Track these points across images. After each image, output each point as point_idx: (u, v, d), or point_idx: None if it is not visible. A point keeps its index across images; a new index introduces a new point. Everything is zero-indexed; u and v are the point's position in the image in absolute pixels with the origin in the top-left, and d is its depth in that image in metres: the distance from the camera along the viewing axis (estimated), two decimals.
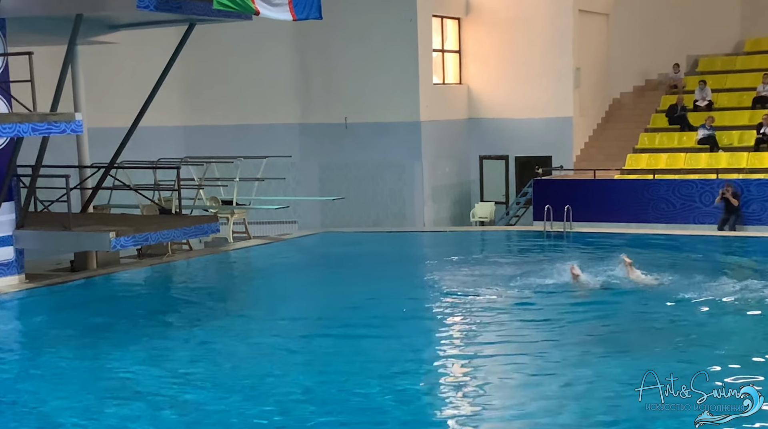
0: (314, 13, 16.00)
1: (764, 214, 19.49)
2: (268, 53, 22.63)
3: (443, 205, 23.21)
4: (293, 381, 9.81)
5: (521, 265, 15.95)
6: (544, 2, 23.21)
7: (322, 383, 9.64)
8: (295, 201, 21.08)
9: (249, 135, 22.19)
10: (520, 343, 11.17)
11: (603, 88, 24.94)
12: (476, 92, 24.12)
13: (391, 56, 22.19)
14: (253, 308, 13.97)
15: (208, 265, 17.67)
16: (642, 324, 11.97)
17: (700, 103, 23.74)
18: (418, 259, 18.35)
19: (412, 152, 22.30)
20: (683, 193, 20.21)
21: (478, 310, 12.92)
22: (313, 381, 9.77)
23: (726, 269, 15.35)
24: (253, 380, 9.86)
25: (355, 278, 15.85)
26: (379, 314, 12.72)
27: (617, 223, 20.28)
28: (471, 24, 24.06)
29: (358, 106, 22.54)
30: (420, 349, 11.13)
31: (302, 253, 19.36)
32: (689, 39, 25.49)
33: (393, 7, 22.05)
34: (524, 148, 23.34)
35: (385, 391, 9.28)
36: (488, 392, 9.37)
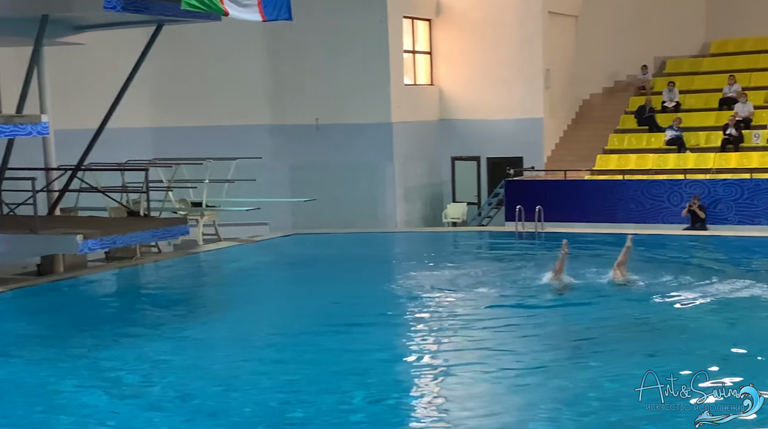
0: (284, 14, 15.93)
1: (731, 214, 19.69)
2: (239, 54, 22.46)
3: (415, 206, 23.20)
4: (260, 390, 9.52)
5: (494, 265, 15.98)
6: (514, 4, 23.29)
7: (293, 392, 9.43)
8: (266, 202, 20.93)
9: (219, 136, 22.00)
10: (493, 345, 11.13)
11: (573, 89, 25.07)
12: (447, 93, 24.14)
13: (362, 57, 22.13)
14: (222, 312, 13.83)
15: (177, 267, 17.48)
16: (616, 324, 11.98)
17: (668, 105, 23.94)
18: (391, 260, 18.34)
19: (383, 153, 22.25)
20: (652, 194, 20.37)
21: (451, 311, 12.91)
22: (283, 389, 9.52)
23: (696, 268, 15.51)
24: (219, 390, 9.54)
25: (327, 280, 15.76)
26: (351, 317, 12.62)
27: (588, 223, 20.39)
28: (442, 25, 24.08)
29: (329, 107, 22.45)
30: (392, 352, 11.03)
31: (273, 255, 19.24)
32: (656, 41, 25.70)
33: (363, 8, 21.99)
34: (496, 149, 23.40)
35: (357, 397, 9.16)
36: (460, 395, 9.32)
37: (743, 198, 19.57)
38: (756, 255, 16.71)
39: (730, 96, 23.29)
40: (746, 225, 19.40)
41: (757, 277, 14.29)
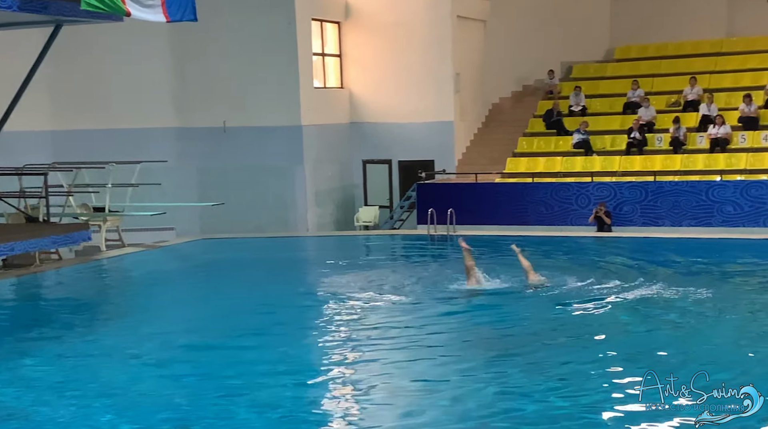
0: (189, 14, 15.62)
1: (635, 216, 20.09)
2: (142, 55, 21.86)
3: (327, 210, 22.97)
4: (161, 401, 9.11)
5: (406, 269, 15.87)
6: (423, 8, 23.34)
7: (197, 401, 9.08)
8: (172, 207, 20.40)
9: (122, 139, 21.37)
10: (406, 353, 10.89)
11: (482, 93, 25.26)
12: (358, 96, 24.01)
13: (271, 59, 21.81)
14: (124, 320, 13.30)
15: (79, 275, 16.86)
16: (527, 325, 12.00)
17: (575, 109, 24.35)
18: (302, 265, 18.06)
19: (294, 156, 21.96)
20: (560, 196, 20.63)
21: (364, 317, 12.66)
22: (167, 405, 9.04)
23: (604, 269, 15.69)
24: (115, 400, 9.09)
25: (236, 286, 15.39)
26: (258, 324, 12.29)
27: (499, 225, 20.53)
28: (351, 28, 23.95)
29: (237, 110, 22.04)
30: (302, 359, 10.71)
31: (180, 261, 18.73)
32: (563, 46, 26.17)
33: (271, 9, 21.67)
34: (407, 152, 23.40)
35: (265, 406, 8.83)
36: (373, 401, 9.10)
37: (647, 200, 20.00)
38: (661, 256, 17.04)
39: (634, 100, 23.83)
40: (650, 226, 19.82)
41: (662, 277, 14.56)
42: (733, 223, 19.20)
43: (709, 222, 19.39)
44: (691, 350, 10.43)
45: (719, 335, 11.18)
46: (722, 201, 19.32)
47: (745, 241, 18.18)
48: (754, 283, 14.75)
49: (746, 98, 22.07)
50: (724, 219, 19.30)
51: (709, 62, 24.91)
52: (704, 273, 15.20)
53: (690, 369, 8.81)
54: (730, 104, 22.92)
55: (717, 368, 9.08)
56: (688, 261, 16.30)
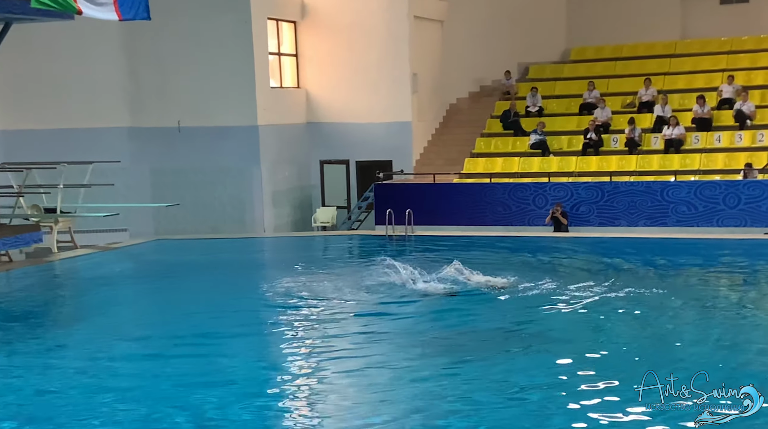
0: (142, 13, 15.49)
1: (592, 216, 20.21)
2: (94, 54, 21.50)
3: (284, 211, 22.76)
4: (90, 408, 8.83)
5: (364, 270, 15.69)
6: (380, 8, 23.24)
7: (133, 408, 8.83)
8: (125, 208, 20.07)
9: (73, 139, 20.98)
10: (364, 352, 10.75)
11: (440, 93, 25.25)
12: (315, 96, 23.84)
13: (226, 59, 21.56)
14: (76, 324, 12.99)
15: (29, 277, 16.45)
16: (484, 327, 11.88)
17: (532, 109, 24.44)
18: (258, 266, 17.83)
19: (250, 157, 21.72)
20: (518, 196, 20.67)
21: (321, 319, 12.46)
22: (121, 406, 8.88)
23: (561, 269, 15.71)
24: (36, 408, 8.83)
25: (191, 288, 15.14)
26: (214, 327, 12.03)
27: (457, 226, 20.50)
28: (307, 28, 23.77)
29: (192, 110, 21.76)
30: (259, 363, 10.48)
31: (134, 263, 18.40)
32: (519, 47, 26.27)
33: (226, 8, 21.42)
34: (365, 152, 23.28)
35: (218, 414, 8.62)
36: (332, 404, 8.95)
37: (603, 200, 20.13)
38: (618, 256, 17.11)
39: (590, 101, 24.00)
40: (607, 226, 19.94)
41: (619, 277, 14.62)
42: (687, 223, 19.41)
43: (664, 222, 19.57)
44: (652, 347, 10.46)
45: (678, 332, 11.23)
46: (677, 201, 19.51)
47: (699, 240, 18.35)
48: (711, 282, 14.88)
49: (699, 100, 22.34)
50: (679, 219, 19.49)
51: (663, 64, 25.20)
52: (660, 272, 15.29)
53: (650, 366, 8.82)
54: (683, 105, 23.20)
55: (673, 365, 9.12)
56: (644, 260, 16.40)
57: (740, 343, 10.64)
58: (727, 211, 19.15)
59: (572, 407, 8.40)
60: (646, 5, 26.26)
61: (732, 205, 19.13)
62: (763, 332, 11.49)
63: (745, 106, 21.97)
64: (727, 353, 10.13)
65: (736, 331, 11.25)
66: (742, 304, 13.13)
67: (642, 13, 26.27)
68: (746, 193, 19.03)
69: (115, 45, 21.67)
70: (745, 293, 14.15)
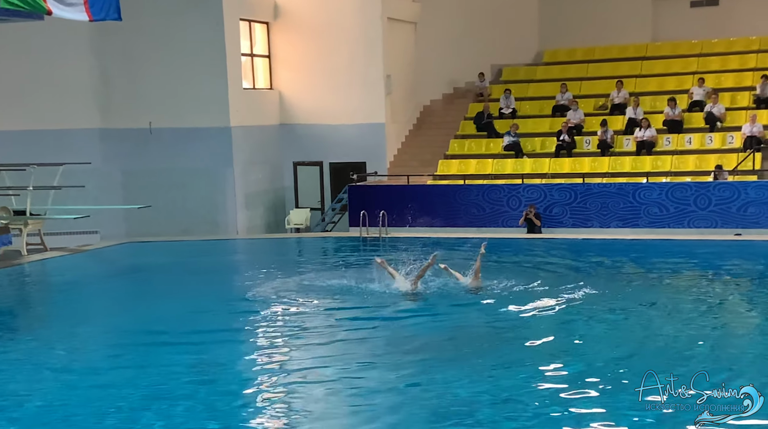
0: (113, 14, 15.40)
1: (565, 218, 20.28)
2: (64, 55, 21.25)
3: (257, 212, 22.62)
4: (60, 411, 8.68)
5: (338, 272, 15.60)
6: (353, 10, 23.18)
7: (101, 411, 8.70)
8: (96, 210, 19.84)
9: (43, 141, 20.71)
10: (339, 355, 10.64)
11: (413, 95, 25.24)
12: (288, 98, 23.73)
13: (198, 60, 21.40)
14: (46, 328, 12.77)
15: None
16: (465, 329, 11.83)
17: (505, 111, 24.50)
18: (230, 268, 17.67)
19: (222, 158, 21.57)
20: (492, 198, 20.70)
21: (296, 324, 12.28)
22: (88, 409, 8.73)
23: (536, 270, 15.69)
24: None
25: (162, 291, 15.00)
26: (186, 330, 11.89)
27: (431, 227, 20.47)
28: (280, 29, 23.66)
29: (163, 111, 21.57)
30: (232, 367, 10.32)
31: (105, 265, 18.21)
32: (492, 49, 26.32)
33: (198, 9, 21.26)
34: (338, 154, 23.21)
35: (177, 418, 8.50)
36: (306, 407, 8.86)
37: (576, 201, 20.20)
38: (591, 257, 17.18)
39: (563, 103, 24.10)
40: (579, 228, 20.01)
41: (593, 278, 14.68)
42: (659, 224, 19.53)
43: (636, 223, 19.68)
44: (627, 346, 10.53)
45: (652, 331, 11.28)
46: (648, 202, 19.63)
47: (671, 241, 18.47)
48: (682, 282, 14.97)
49: (671, 102, 22.51)
50: (651, 220, 19.61)
51: (634, 66, 25.37)
52: (633, 273, 15.37)
53: (630, 366, 8.86)
54: (655, 107, 23.37)
55: (650, 364, 9.14)
56: (617, 261, 16.47)
57: (701, 343, 10.69)
58: (698, 212, 19.30)
59: (562, 412, 8.40)
60: (618, 8, 26.42)
61: (703, 206, 19.29)
62: (722, 331, 11.58)
63: (715, 108, 22.17)
64: (691, 355, 10.15)
65: (699, 331, 11.33)
66: (711, 303, 13.22)
67: (613, 15, 26.43)
68: (717, 195, 19.19)
69: (86, 46, 21.44)
70: (711, 293, 14.15)
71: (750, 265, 16.21)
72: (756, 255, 17.17)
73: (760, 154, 20.69)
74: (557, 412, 8.29)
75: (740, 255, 17.21)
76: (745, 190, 19.05)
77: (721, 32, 25.40)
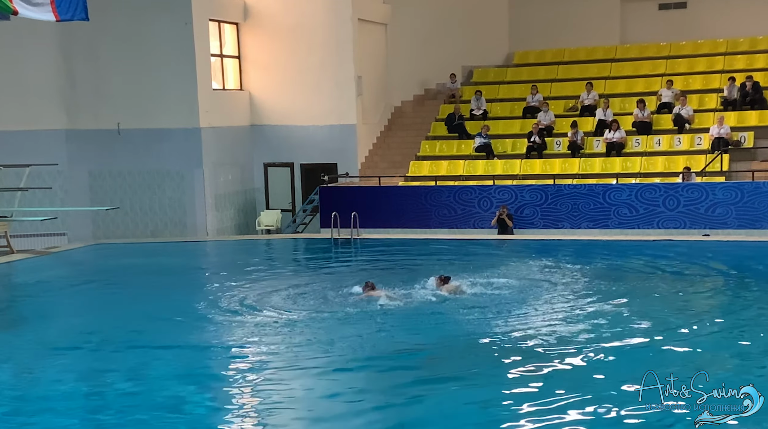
0: (80, 14, 15.22)
1: (536, 218, 20.35)
2: (29, 55, 20.91)
3: (227, 214, 22.45)
4: (39, 419, 8.50)
5: (309, 274, 15.51)
6: (323, 10, 23.09)
7: (81, 418, 8.54)
8: (63, 211, 19.57)
9: (8, 142, 20.35)
10: (309, 360, 10.43)
11: (384, 96, 25.19)
12: (258, 99, 23.58)
13: (167, 60, 21.17)
14: (10, 331, 12.50)
15: None
16: (441, 334, 11.69)
17: (476, 113, 24.53)
18: (199, 270, 17.52)
19: (191, 159, 21.36)
20: (463, 199, 20.71)
21: (263, 325, 12.11)
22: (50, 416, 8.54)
23: (511, 273, 15.57)
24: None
25: (130, 293, 14.80)
26: (155, 334, 11.75)
27: (403, 228, 20.45)
28: (250, 29, 23.50)
29: (132, 112, 21.31)
30: (200, 372, 10.15)
31: (72, 267, 17.97)
32: (463, 50, 26.35)
33: (167, 9, 21.03)
34: (309, 155, 23.10)
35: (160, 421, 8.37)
36: (273, 414, 8.70)
37: (547, 203, 20.28)
38: (563, 257, 17.21)
39: (533, 105, 24.18)
40: (550, 229, 20.09)
41: (566, 278, 14.71)
42: (628, 225, 19.66)
43: (606, 224, 19.79)
44: (606, 346, 10.54)
45: (627, 329, 11.30)
46: (618, 204, 19.75)
47: (641, 242, 18.58)
48: (654, 282, 15.04)
49: (640, 104, 22.67)
50: (621, 221, 19.73)
51: (603, 68, 25.53)
52: (605, 273, 15.40)
53: (611, 365, 8.84)
54: (624, 109, 23.52)
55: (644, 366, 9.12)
56: (589, 262, 16.51)
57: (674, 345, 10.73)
58: (667, 213, 19.45)
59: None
60: (587, 10, 26.58)
61: (671, 207, 19.45)
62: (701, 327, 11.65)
63: (683, 110, 22.36)
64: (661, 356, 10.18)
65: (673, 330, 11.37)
66: (681, 300, 13.31)
67: (583, 18, 26.58)
68: (685, 196, 19.36)
69: (52, 46, 21.13)
70: (681, 290, 14.22)
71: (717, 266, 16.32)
72: (723, 254, 17.31)
73: (728, 156, 20.90)
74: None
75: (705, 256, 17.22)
76: (713, 191, 19.23)
77: (689, 35, 25.64)
